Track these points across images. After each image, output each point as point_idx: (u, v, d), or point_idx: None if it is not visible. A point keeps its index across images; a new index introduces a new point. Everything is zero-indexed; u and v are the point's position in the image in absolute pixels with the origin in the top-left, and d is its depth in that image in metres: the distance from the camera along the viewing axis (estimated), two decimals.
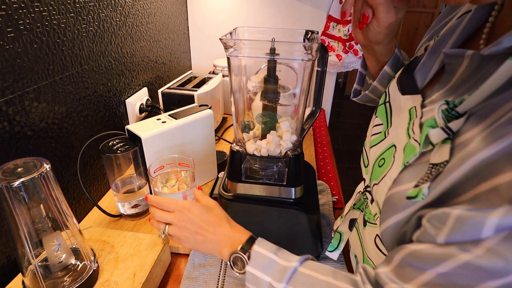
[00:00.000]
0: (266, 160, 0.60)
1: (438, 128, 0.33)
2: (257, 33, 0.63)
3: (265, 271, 0.43)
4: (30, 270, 0.46)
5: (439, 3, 3.56)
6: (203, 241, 0.49)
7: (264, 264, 0.43)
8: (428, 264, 0.31)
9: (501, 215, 0.26)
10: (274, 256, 0.44)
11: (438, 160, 0.32)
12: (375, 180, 0.42)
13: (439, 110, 0.34)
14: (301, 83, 0.56)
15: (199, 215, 0.50)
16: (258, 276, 0.43)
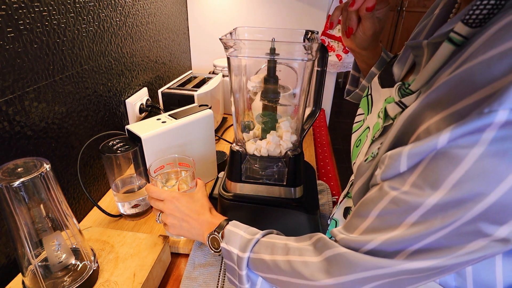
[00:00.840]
0: (266, 160, 0.60)
1: (393, 103, 0.39)
2: (257, 33, 0.63)
3: (235, 245, 0.47)
4: (30, 270, 0.46)
5: None
6: (189, 228, 0.54)
7: (235, 239, 0.48)
8: (369, 209, 0.35)
9: (411, 147, 0.30)
10: (243, 232, 0.49)
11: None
12: (354, 160, 0.49)
13: (396, 88, 0.40)
14: (301, 83, 0.56)
15: (186, 204, 0.55)
16: (229, 250, 0.48)
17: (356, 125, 0.55)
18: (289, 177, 0.58)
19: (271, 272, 0.43)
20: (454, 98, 0.28)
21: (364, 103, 0.54)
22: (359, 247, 0.35)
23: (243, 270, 0.46)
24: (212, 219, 0.53)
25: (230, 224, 0.50)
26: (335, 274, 0.36)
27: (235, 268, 0.47)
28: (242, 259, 0.46)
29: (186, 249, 0.65)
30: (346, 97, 0.77)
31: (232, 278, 0.50)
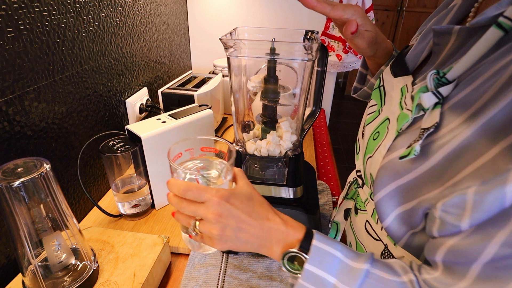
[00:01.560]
0: (266, 160, 0.60)
1: (429, 93, 0.35)
2: (257, 33, 0.63)
3: (329, 270, 0.37)
4: (30, 270, 0.46)
5: (439, 3, 3.56)
6: (248, 239, 0.40)
7: (329, 263, 0.37)
8: (471, 257, 0.30)
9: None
10: (340, 253, 0.38)
11: (429, 124, 0.34)
12: (369, 154, 0.44)
13: (430, 77, 0.35)
14: (301, 83, 0.56)
15: (241, 206, 0.39)
16: (320, 275, 0.37)
17: (370, 116, 0.50)
18: (289, 177, 0.58)
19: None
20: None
21: (377, 94, 0.51)
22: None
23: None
24: (285, 227, 0.40)
25: (317, 239, 0.38)
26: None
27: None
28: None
29: (186, 249, 0.65)
30: (353, 95, 0.72)
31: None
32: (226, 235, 0.39)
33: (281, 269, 0.44)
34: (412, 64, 0.47)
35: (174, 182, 0.39)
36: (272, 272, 0.60)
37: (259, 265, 0.61)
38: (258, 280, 0.58)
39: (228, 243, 0.40)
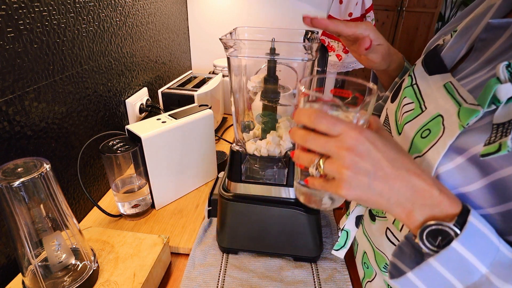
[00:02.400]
0: (266, 160, 0.60)
1: (507, 84, 0.31)
2: (257, 33, 0.63)
3: (482, 257, 0.31)
4: (30, 270, 0.46)
5: (439, 3, 3.56)
6: (383, 191, 0.33)
7: (482, 247, 0.31)
8: None
9: None
10: (496, 239, 0.31)
11: (505, 119, 0.31)
12: (417, 153, 0.39)
13: (503, 68, 0.31)
14: None
15: (383, 149, 0.33)
16: (468, 259, 0.31)
17: (408, 115, 0.44)
18: (289, 177, 0.58)
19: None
20: None
21: (410, 92, 0.47)
22: None
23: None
24: (438, 192, 0.33)
25: (473, 215, 0.32)
26: None
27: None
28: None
29: (186, 249, 0.65)
30: None
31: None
32: (358, 179, 0.32)
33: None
34: (449, 62, 0.45)
35: (303, 110, 0.34)
36: (272, 272, 0.60)
37: (259, 265, 0.61)
38: (258, 280, 0.58)
39: (357, 191, 0.33)
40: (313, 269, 0.60)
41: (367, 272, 0.54)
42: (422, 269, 0.33)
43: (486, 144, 0.31)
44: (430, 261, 0.32)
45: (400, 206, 0.33)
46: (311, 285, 0.57)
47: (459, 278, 0.32)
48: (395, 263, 0.37)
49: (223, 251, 0.64)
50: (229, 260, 0.62)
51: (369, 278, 0.54)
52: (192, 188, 0.82)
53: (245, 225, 0.60)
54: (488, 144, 0.31)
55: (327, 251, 0.64)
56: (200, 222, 0.71)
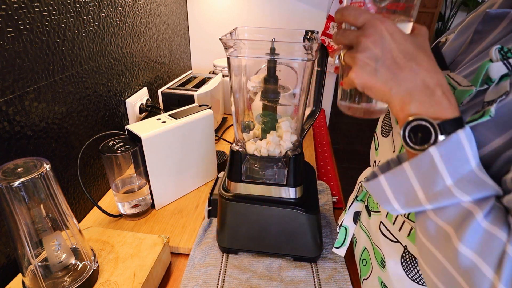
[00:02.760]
0: (266, 160, 0.60)
1: (499, 62, 0.32)
2: (257, 33, 0.63)
3: (453, 171, 0.31)
4: (30, 270, 0.46)
5: (439, 3, 3.56)
6: (387, 78, 0.34)
7: (457, 161, 0.31)
8: None
9: None
10: (474, 162, 0.31)
11: (494, 96, 0.32)
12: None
13: (495, 51, 0.33)
14: (301, 83, 0.56)
15: (400, 41, 0.34)
16: (438, 169, 0.31)
17: None
18: (289, 177, 0.58)
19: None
20: None
21: None
22: None
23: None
24: (441, 92, 0.33)
25: (466, 132, 0.31)
26: None
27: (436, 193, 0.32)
28: (454, 197, 0.31)
29: (186, 249, 0.65)
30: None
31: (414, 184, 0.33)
32: (367, 63, 0.34)
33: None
34: (449, 58, 0.46)
35: (339, 8, 0.36)
36: (272, 272, 0.60)
37: (259, 265, 0.61)
38: (258, 280, 0.58)
39: (364, 76, 0.35)
40: (313, 269, 0.60)
41: (364, 270, 0.55)
42: (394, 173, 0.34)
43: (473, 114, 0.33)
44: (404, 165, 0.33)
45: (399, 97, 0.34)
46: (311, 285, 0.57)
47: (422, 186, 0.33)
48: (377, 173, 0.37)
49: (223, 251, 0.64)
50: (229, 260, 0.62)
51: (365, 276, 0.54)
52: (192, 188, 0.82)
53: (245, 225, 0.60)
54: (474, 114, 0.33)
55: (327, 251, 0.64)
56: (200, 222, 0.71)
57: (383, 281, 0.48)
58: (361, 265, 0.56)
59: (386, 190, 0.36)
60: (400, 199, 0.35)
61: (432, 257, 0.33)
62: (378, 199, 0.37)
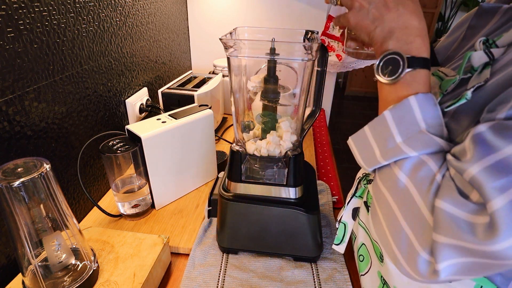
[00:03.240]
0: (266, 160, 0.60)
1: (480, 51, 0.35)
2: (257, 33, 0.63)
3: (402, 130, 0.36)
4: (30, 270, 0.46)
5: (439, 3, 3.56)
6: (375, 17, 0.39)
7: (408, 121, 0.36)
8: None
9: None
10: (424, 123, 0.35)
11: (476, 82, 0.35)
12: None
13: (479, 42, 0.36)
14: (301, 83, 0.56)
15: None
16: (390, 128, 0.37)
17: None
18: (289, 177, 0.58)
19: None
20: None
21: None
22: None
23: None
24: (417, 32, 0.37)
25: (416, 97, 0.35)
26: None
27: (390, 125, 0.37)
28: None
29: (186, 249, 0.65)
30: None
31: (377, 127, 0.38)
32: (362, 6, 0.39)
33: (280, 268, 0.44)
34: (442, 55, 0.48)
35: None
36: (272, 272, 0.60)
37: (259, 265, 0.61)
38: (258, 280, 0.58)
39: (359, 16, 0.40)
40: (313, 269, 0.60)
41: (361, 266, 0.55)
42: (358, 134, 0.42)
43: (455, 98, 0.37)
44: (364, 127, 0.40)
45: (382, 33, 0.39)
46: (311, 285, 0.57)
47: (378, 144, 0.38)
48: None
49: (223, 251, 0.64)
50: (229, 260, 0.62)
51: (362, 272, 0.54)
52: (192, 188, 0.82)
53: (245, 225, 0.60)
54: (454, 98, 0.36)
55: (327, 251, 0.64)
56: (200, 222, 0.71)
57: (382, 275, 0.48)
58: (358, 261, 0.56)
59: (354, 150, 0.43)
60: (364, 157, 0.41)
61: (386, 202, 0.38)
62: (355, 157, 0.43)
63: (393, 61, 0.37)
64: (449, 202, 0.31)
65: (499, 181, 0.28)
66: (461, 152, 0.33)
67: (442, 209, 0.32)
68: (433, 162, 0.35)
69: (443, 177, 0.34)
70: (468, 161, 0.31)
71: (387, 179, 0.38)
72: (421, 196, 0.34)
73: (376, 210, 0.40)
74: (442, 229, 0.31)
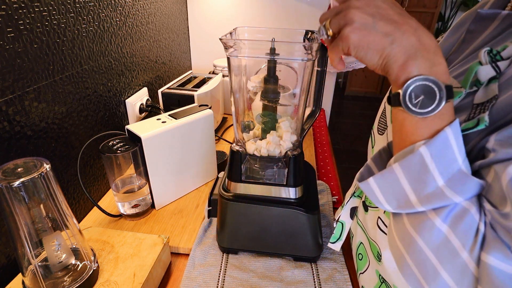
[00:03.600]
0: (266, 160, 0.60)
1: (487, 65, 0.32)
2: (257, 33, 0.63)
3: (443, 170, 0.31)
4: (30, 270, 0.46)
5: (439, 3, 3.56)
6: (388, 30, 0.32)
7: (446, 160, 0.31)
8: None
9: None
10: (461, 158, 0.31)
11: (483, 99, 0.33)
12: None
13: (484, 53, 0.33)
14: (301, 83, 0.56)
15: (390, 3, 0.33)
16: (430, 169, 0.31)
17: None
18: (289, 177, 0.58)
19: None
20: None
21: None
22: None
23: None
24: (441, 53, 0.32)
25: (453, 126, 0.31)
26: None
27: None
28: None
29: (186, 249, 0.65)
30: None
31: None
32: (363, 18, 0.32)
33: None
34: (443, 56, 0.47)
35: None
36: (272, 272, 0.60)
37: (259, 265, 0.61)
38: (258, 280, 0.58)
39: (362, 31, 0.33)
40: (313, 269, 0.60)
41: (360, 264, 0.55)
42: (383, 175, 0.34)
43: (466, 120, 0.33)
44: (394, 167, 0.33)
45: (403, 49, 0.32)
46: (311, 285, 0.57)
47: (414, 188, 0.32)
48: (370, 166, 0.38)
49: (223, 251, 0.64)
50: (229, 260, 0.62)
51: (361, 270, 0.55)
52: (192, 188, 0.82)
53: (245, 225, 0.60)
54: (467, 120, 0.33)
55: (327, 251, 0.64)
56: (200, 222, 0.71)
57: (380, 274, 0.48)
58: (357, 260, 0.57)
59: (377, 193, 0.35)
60: (391, 202, 0.35)
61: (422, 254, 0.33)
62: (371, 199, 0.37)
63: (426, 89, 0.31)
64: (497, 258, 0.29)
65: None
66: (500, 201, 0.30)
67: (491, 264, 0.29)
68: (475, 209, 0.31)
69: (485, 226, 0.31)
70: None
71: (419, 223, 0.33)
72: (467, 249, 0.30)
73: (401, 251, 0.36)
74: (490, 284, 0.29)
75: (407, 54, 0.32)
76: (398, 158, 0.33)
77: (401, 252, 0.35)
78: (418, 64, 0.31)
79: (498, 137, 0.31)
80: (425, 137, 0.32)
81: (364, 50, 0.33)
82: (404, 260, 0.35)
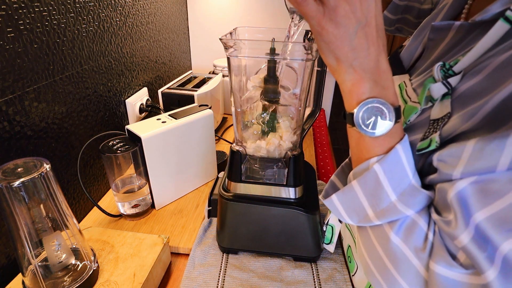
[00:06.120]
0: (266, 160, 0.60)
1: (439, 83, 0.34)
2: (257, 33, 0.63)
3: (395, 186, 0.34)
4: (30, 270, 0.46)
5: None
6: (359, 45, 0.31)
7: (398, 176, 0.34)
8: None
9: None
10: (411, 173, 0.34)
11: (439, 115, 0.34)
12: None
13: (437, 68, 0.35)
14: (301, 83, 0.56)
15: (379, 13, 0.31)
16: (383, 185, 0.34)
17: None
18: (289, 177, 0.58)
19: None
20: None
21: None
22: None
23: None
24: (392, 80, 0.33)
25: (403, 143, 0.33)
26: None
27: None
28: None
29: (186, 249, 0.65)
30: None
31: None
32: (349, 18, 0.30)
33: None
34: (407, 62, 0.48)
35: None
36: (272, 272, 0.60)
37: (259, 265, 0.61)
38: (258, 280, 0.58)
39: (340, 29, 0.30)
40: (313, 269, 0.60)
41: (350, 266, 0.56)
42: (344, 192, 0.37)
43: (422, 139, 0.35)
44: (353, 184, 0.35)
45: (359, 71, 0.32)
46: (311, 285, 0.57)
47: (371, 204, 0.35)
48: (334, 182, 0.42)
49: (223, 251, 0.64)
50: (229, 260, 0.62)
51: (352, 272, 0.55)
52: (192, 188, 0.82)
53: (245, 225, 0.60)
54: (423, 139, 0.35)
55: (327, 251, 0.64)
56: (200, 222, 0.71)
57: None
58: (347, 262, 0.58)
59: (340, 210, 0.38)
60: (353, 217, 0.38)
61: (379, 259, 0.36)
62: (335, 215, 0.39)
63: (376, 110, 0.32)
64: (442, 265, 0.31)
65: (487, 252, 0.28)
66: (445, 208, 0.33)
67: (437, 272, 0.31)
68: (423, 220, 0.34)
69: (434, 234, 0.33)
70: (456, 227, 0.30)
71: (378, 235, 0.36)
72: (417, 258, 0.33)
73: (366, 259, 0.39)
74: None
75: (362, 76, 0.33)
76: (356, 174, 0.36)
77: (366, 260, 0.38)
78: (370, 87, 0.33)
79: (439, 157, 0.32)
80: (378, 153, 0.34)
81: (327, 47, 0.32)
82: (369, 267, 0.38)
